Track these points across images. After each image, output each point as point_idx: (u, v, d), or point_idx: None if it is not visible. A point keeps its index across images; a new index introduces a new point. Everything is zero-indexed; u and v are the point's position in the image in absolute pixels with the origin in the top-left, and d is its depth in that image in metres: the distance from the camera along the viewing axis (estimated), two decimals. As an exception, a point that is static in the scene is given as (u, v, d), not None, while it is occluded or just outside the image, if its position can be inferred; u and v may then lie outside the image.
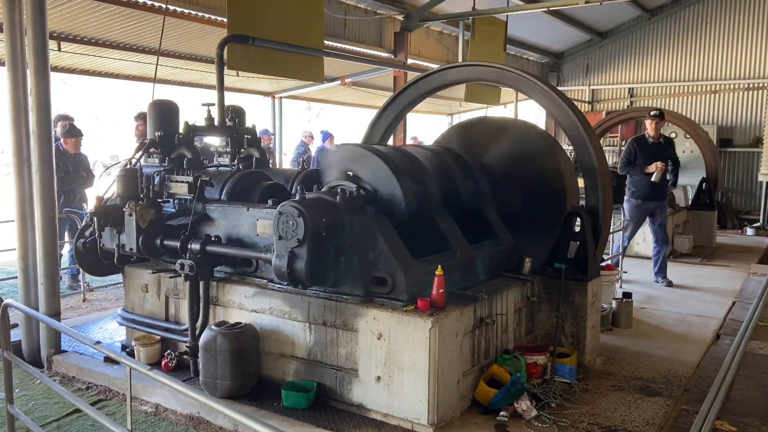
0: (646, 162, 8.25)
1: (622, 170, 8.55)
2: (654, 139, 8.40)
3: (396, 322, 4.13)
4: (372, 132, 6.83)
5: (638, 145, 8.43)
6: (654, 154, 8.27)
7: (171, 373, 4.87)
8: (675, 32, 16.84)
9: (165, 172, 5.29)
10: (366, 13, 12.46)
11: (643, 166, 8.27)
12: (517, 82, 5.88)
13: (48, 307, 5.41)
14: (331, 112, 28.02)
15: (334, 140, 14.08)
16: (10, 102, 5.33)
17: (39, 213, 5.35)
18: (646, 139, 8.45)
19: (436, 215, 4.89)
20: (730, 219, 14.84)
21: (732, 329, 6.39)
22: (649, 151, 8.32)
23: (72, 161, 8.24)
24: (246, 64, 7.82)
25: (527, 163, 5.92)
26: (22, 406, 4.67)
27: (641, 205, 8.44)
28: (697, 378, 5.14)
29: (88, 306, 7.53)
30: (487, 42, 12.79)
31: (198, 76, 11.74)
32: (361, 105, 16.89)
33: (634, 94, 17.62)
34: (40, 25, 5.22)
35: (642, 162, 8.30)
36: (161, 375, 2.96)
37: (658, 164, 8.15)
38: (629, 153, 8.43)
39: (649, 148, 8.37)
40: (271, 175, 5.64)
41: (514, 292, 5.02)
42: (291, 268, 4.17)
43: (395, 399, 4.18)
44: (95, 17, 8.50)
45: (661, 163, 8.16)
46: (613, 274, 6.93)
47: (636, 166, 8.35)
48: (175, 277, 4.95)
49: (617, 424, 4.27)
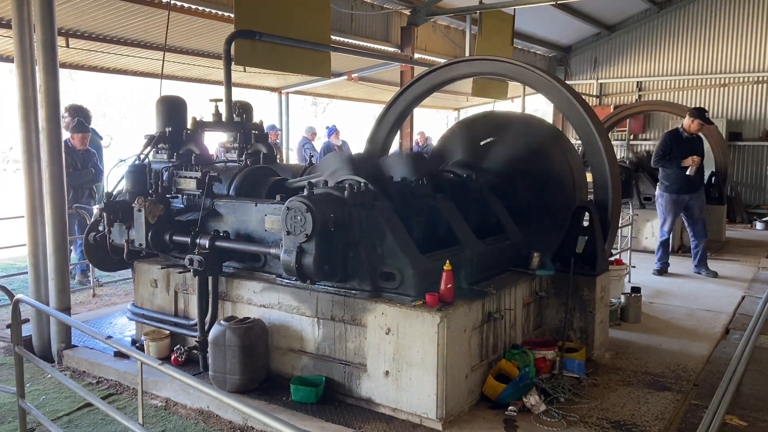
0: (682, 156, 8.35)
1: (656, 163, 8.64)
2: (688, 134, 8.47)
3: (404, 317, 4.13)
4: (379, 127, 6.82)
5: (674, 140, 8.51)
6: (689, 149, 8.39)
7: (180, 367, 4.89)
8: (684, 25, 16.71)
9: (173, 167, 5.30)
10: (373, 7, 12.42)
11: (679, 159, 8.37)
12: (525, 77, 5.85)
13: (58, 302, 5.45)
14: (338, 107, 27.98)
15: (339, 135, 14.05)
16: (20, 98, 5.35)
17: (49, 209, 5.38)
18: (680, 134, 8.52)
19: (440, 203, 4.88)
20: (739, 213, 14.73)
21: (742, 324, 6.36)
22: (685, 146, 8.42)
23: (81, 157, 8.27)
24: (253, 59, 7.82)
25: (535, 157, 5.90)
26: (33, 400, 4.70)
27: (676, 198, 8.54)
28: (706, 373, 5.12)
29: (98, 301, 7.57)
30: (495, 36, 12.74)
31: (205, 71, 11.75)
32: (368, 100, 16.88)
33: (642, 88, 17.51)
34: (48, 22, 5.23)
35: (678, 155, 8.39)
36: (172, 369, 2.97)
37: (695, 158, 8.31)
38: (665, 146, 8.50)
39: (684, 142, 8.45)
40: (278, 171, 5.65)
41: (522, 287, 5.01)
42: (299, 263, 4.18)
43: (404, 394, 4.19)
44: (103, 13, 8.53)
45: (697, 157, 8.31)
46: (621, 268, 6.91)
47: (671, 160, 8.43)
48: (184, 272, 4.97)
49: (626, 419, 4.26)
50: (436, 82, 6.41)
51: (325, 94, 16.46)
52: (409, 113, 7.65)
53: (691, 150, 8.39)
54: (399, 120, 6.81)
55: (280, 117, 14.47)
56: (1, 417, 4.56)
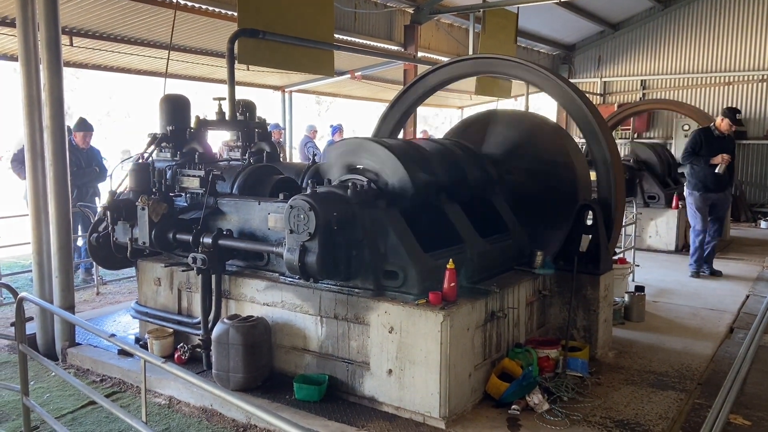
0: (711, 154, 8.26)
1: (685, 160, 8.57)
2: (720, 132, 8.39)
3: (407, 315, 4.13)
4: (382, 126, 6.82)
5: (705, 137, 8.43)
6: (719, 147, 8.30)
7: (184, 365, 4.89)
8: (688, 23, 16.65)
9: (177, 166, 5.31)
10: (376, 6, 12.40)
11: (708, 157, 8.28)
12: (529, 75, 5.84)
13: (62, 300, 5.46)
14: (341, 105, 27.98)
15: (343, 133, 14.04)
16: (24, 97, 5.37)
17: (53, 207, 5.39)
18: (712, 132, 8.44)
19: (445, 204, 4.88)
20: (743, 212, 14.69)
21: (746, 323, 6.34)
22: (715, 144, 8.34)
23: (84, 156, 8.29)
24: (256, 58, 7.83)
25: (538, 156, 5.89)
26: (37, 398, 4.72)
27: (705, 196, 8.47)
28: (710, 372, 5.11)
29: (102, 299, 7.60)
30: (498, 34, 12.71)
31: (208, 70, 11.77)
32: (371, 99, 16.86)
33: (646, 86, 17.45)
34: (52, 21, 5.24)
35: (707, 153, 8.30)
36: (175, 368, 2.97)
37: (725, 156, 8.19)
38: (695, 144, 8.41)
39: (715, 140, 8.37)
40: (282, 169, 5.65)
41: (525, 286, 5.00)
42: (302, 261, 4.19)
43: (407, 392, 4.19)
44: (107, 12, 8.54)
45: (727, 156, 8.21)
46: (625, 267, 6.89)
47: (700, 158, 8.35)
48: (188, 270, 4.98)
49: (630, 418, 4.25)
50: (439, 81, 6.40)
51: (329, 92, 16.45)
52: (413, 112, 7.64)
53: (722, 149, 8.26)
54: (402, 119, 6.80)
55: (284, 116, 14.47)
56: (5, 415, 4.58)
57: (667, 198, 10.30)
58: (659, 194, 10.36)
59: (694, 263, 8.53)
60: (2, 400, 4.80)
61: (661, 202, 10.32)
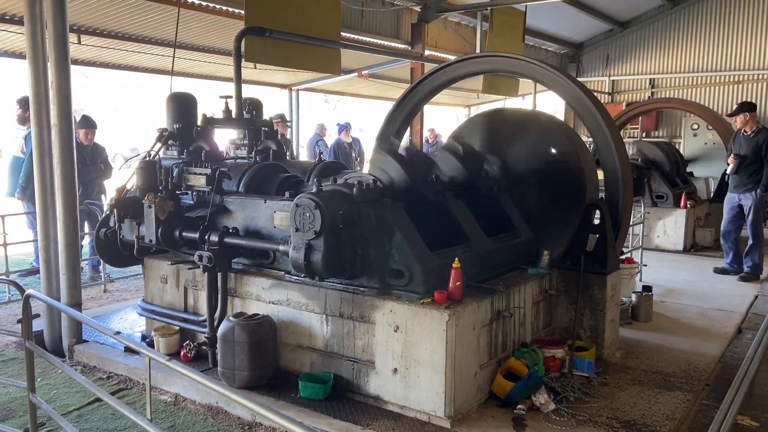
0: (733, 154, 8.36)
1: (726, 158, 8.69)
2: (745, 132, 8.35)
3: (413, 314, 4.12)
4: (389, 124, 6.80)
5: (734, 137, 8.53)
6: (739, 147, 8.33)
7: (189, 363, 4.91)
8: (697, 22, 16.54)
9: (183, 164, 5.32)
10: (383, 4, 12.38)
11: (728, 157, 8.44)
12: (536, 73, 5.81)
13: (69, 297, 5.49)
14: (349, 104, 27.99)
15: (350, 131, 14.03)
16: (32, 95, 5.40)
17: (60, 204, 5.42)
18: (740, 131, 8.46)
19: (450, 202, 4.87)
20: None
21: (754, 323, 6.30)
22: (736, 144, 8.41)
23: (89, 153, 8.31)
24: (263, 56, 7.83)
25: (546, 155, 5.86)
26: (44, 395, 4.74)
27: (728, 196, 8.61)
28: (718, 372, 5.07)
29: (109, 296, 7.63)
30: (506, 33, 12.66)
31: (215, 68, 11.78)
32: (379, 97, 16.84)
33: (655, 85, 17.35)
34: (60, 19, 5.26)
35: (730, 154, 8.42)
36: (180, 365, 2.98)
37: (732, 158, 8.29)
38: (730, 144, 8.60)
39: (741, 140, 8.38)
40: (288, 168, 5.65)
41: (531, 285, 4.98)
42: (308, 260, 4.19)
43: (412, 391, 4.18)
44: (114, 10, 8.57)
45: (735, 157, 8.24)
46: (632, 267, 6.85)
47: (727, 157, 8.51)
48: (194, 268, 4.99)
49: (636, 419, 4.23)
50: (446, 79, 6.38)
51: (336, 91, 16.45)
52: (419, 110, 7.63)
53: (742, 148, 8.27)
54: (409, 117, 6.78)
55: (291, 114, 14.48)
56: (11, 411, 4.61)
57: (675, 197, 10.23)
58: (667, 193, 10.29)
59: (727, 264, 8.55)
60: (9, 397, 4.83)
61: (669, 202, 10.24)
